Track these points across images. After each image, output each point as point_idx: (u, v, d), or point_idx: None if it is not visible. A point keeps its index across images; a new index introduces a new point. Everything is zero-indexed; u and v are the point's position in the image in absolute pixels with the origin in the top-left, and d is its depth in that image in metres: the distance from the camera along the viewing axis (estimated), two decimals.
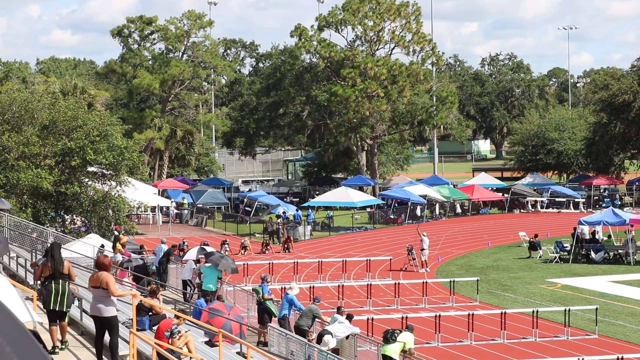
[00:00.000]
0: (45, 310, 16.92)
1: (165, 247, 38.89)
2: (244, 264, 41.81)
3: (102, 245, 35.70)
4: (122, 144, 48.07)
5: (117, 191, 48.61)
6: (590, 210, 72.21)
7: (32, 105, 47.68)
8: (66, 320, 17.00)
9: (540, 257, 50.23)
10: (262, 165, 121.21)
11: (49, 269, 16.56)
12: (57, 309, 16.39)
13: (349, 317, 25.70)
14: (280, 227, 58.83)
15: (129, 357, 15.30)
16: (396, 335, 23.61)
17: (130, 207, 53.08)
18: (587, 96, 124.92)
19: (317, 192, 79.70)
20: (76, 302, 21.26)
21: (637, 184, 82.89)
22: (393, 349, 23.32)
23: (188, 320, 19.34)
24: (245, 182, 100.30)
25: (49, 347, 16.25)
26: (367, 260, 44.76)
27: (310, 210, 66.71)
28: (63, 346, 17.31)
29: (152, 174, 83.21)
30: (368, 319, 29.15)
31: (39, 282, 17.80)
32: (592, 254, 48.68)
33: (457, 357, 28.44)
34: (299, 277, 42.22)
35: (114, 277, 20.95)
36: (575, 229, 49.85)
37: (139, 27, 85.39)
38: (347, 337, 24.86)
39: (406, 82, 78.29)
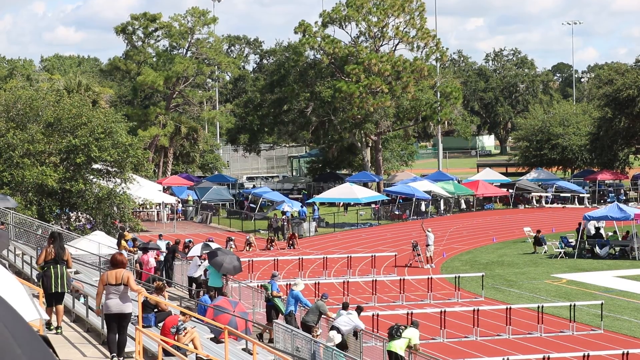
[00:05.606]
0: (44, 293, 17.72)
1: (162, 243, 38.95)
2: (248, 261, 41.86)
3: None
4: (127, 141, 48.13)
5: (122, 188, 48.67)
6: (595, 205, 72.14)
7: (37, 102, 47.74)
8: (62, 304, 17.77)
9: (545, 252, 50.21)
10: (266, 162, 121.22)
11: (53, 255, 17.46)
12: (59, 291, 17.56)
13: (359, 309, 25.76)
14: (285, 223, 58.86)
15: (135, 354, 15.34)
16: (401, 331, 23.64)
17: (135, 204, 53.14)
18: (592, 91, 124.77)
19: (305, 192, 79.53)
20: (82, 300, 21.32)
21: None
22: (398, 345, 23.35)
23: (194, 317, 19.37)
24: (250, 179, 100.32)
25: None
26: (372, 256, 44.77)
27: (315, 206, 66.78)
28: (58, 331, 17.70)
29: (156, 171, 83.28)
30: (373, 315, 29.16)
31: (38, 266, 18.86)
32: (597, 249, 48.65)
33: (462, 352, 28.44)
34: (304, 274, 42.26)
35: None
36: (580, 224, 49.83)
37: (143, 24, 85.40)
38: (354, 335, 24.88)
39: (410, 78, 78.22)
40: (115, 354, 15.58)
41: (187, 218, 70.61)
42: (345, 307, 25.74)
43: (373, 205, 70.67)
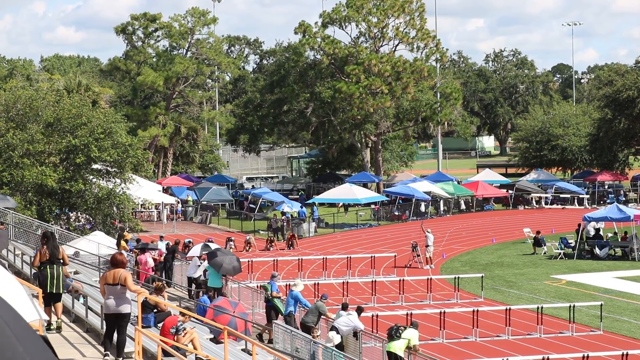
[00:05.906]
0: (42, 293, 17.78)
1: (162, 244, 38.93)
2: (248, 261, 41.85)
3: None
4: (127, 141, 48.14)
5: (122, 188, 48.66)
6: (595, 206, 72.13)
7: (37, 102, 47.74)
8: (60, 302, 18.09)
9: (544, 253, 50.22)
10: (266, 162, 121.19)
11: (47, 255, 17.67)
12: (54, 292, 17.65)
13: (359, 310, 25.75)
14: (284, 224, 58.88)
15: (135, 354, 15.34)
16: (401, 331, 23.64)
17: (135, 205, 53.16)
18: (592, 92, 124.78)
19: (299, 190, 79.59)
20: (81, 300, 21.33)
21: None
22: (398, 346, 23.36)
23: (193, 317, 19.37)
24: (250, 179, 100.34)
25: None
26: (371, 257, 44.77)
27: (315, 207, 66.77)
28: (57, 324, 17.80)
29: (156, 171, 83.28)
30: (373, 316, 29.16)
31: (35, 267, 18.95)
32: (597, 250, 48.66)
33: (461, 353, 28.44)
34: (303, 274, 42.25)
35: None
36: (579, 225, 49.84)
37: (143, 24, 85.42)
38: (354, 335, 24.87)
39: (410, 78, 78.23)
40: (108, 353, 15.63)
41: (187, 218, 70.61)
42: (344, 307, 25.74)
43: (373, 206, 70.67)
